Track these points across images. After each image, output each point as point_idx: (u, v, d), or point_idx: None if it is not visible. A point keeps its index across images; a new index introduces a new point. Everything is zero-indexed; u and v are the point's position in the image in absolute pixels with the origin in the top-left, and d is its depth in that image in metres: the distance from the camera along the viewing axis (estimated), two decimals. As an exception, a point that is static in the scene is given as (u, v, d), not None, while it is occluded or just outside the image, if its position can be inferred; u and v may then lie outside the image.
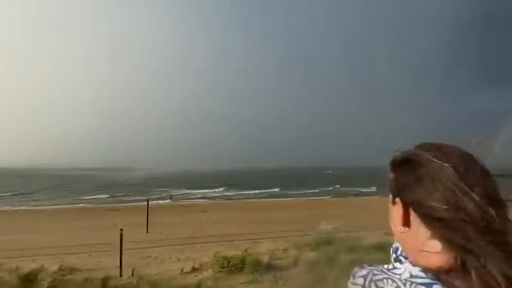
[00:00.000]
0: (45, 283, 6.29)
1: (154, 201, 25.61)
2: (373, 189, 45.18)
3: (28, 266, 6.93)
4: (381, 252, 5.90)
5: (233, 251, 7.99)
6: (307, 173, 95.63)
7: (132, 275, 7.23)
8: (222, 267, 7.27)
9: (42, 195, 37.35)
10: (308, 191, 41.37)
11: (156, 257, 9.02)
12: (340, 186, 48.11)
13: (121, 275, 7.24)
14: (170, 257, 9.00)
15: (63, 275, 7.05)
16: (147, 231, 12.81)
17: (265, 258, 7.68)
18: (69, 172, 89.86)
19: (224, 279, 6.94)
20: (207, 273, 7.31)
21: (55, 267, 7.20)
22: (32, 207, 26.54)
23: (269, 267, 7.39)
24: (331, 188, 46.88)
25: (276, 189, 44.05)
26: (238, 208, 22.91)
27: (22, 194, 38.08)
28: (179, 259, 8.73)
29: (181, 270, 7.58)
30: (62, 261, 7.59)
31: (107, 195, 35.75)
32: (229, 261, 7.30)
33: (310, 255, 7.25)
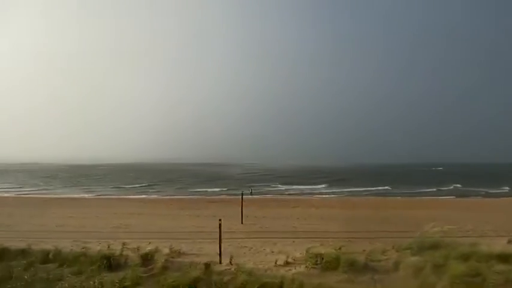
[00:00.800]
0: (160, 263, 7.24)
1: (252, 195, 26.96)
2: (506, 189, 37.82)
3: (146, 247, 8.11)
4: (504, 264, 4.76)
5: (326, 248, 7.69)
6: (417, 170, 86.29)
7: (230, 262, 7.67)
8: (316, 264, 7.07)
9: (161, 187, 43.71)
10: (422, 190, 37.22)
11: (251, 248, 9.40)
12: (462, 186, 41.65)
13: (220, 262, 7.77)
14: (264, 249, 9.26)
15: (173, 257, 7.99)
16: (241, 223, 13.56)
17: (361, 259, 7.16)
18: (180, 167, 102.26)
19: (318, 276, 6.71)
20: (300, 268, 7.19)
21: (166, 250, 8.22)
22: (152, 197, 31.33)
23: (365, 269, 6.85)
24: (451, 187, 41.25)
25: (387, 187, 40.86)
26: (333, 205, 22.19)
27: (148, 185, 45.51)
28: (272, 252, 8.90)
29: (275, 262, 7.66)
30: (171, 245, 8.60)
31: (212, 189, 39.32)
32: (322, 258, 7.05)
33: (413, 259, 6.43)
